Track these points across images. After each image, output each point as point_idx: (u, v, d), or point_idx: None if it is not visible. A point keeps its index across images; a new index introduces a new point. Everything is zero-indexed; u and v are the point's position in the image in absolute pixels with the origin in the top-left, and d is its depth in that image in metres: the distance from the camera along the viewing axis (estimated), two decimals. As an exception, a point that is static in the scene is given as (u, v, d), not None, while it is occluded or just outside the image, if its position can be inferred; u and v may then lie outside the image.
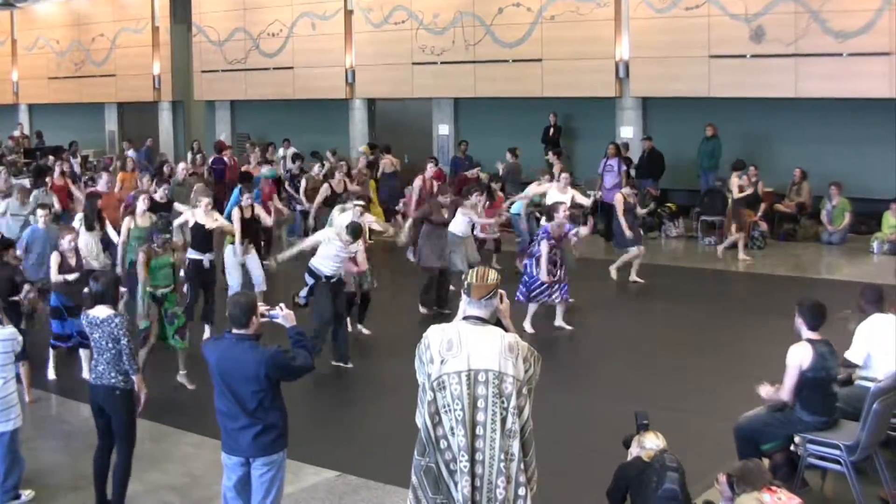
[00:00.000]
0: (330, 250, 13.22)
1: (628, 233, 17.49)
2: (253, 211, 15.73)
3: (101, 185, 17.99)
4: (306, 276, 13.39)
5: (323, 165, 22.88)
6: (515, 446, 6.43)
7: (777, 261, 19.68)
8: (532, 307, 14.76)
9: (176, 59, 33.89)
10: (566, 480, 9.22)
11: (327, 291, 13.17)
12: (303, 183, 21.68)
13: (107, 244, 15.33)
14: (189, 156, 27.49)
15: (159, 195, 16.99)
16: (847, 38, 21.10)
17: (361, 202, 15.01)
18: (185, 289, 13.70)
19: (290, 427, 7.51)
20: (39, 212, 14.56)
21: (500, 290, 6.58)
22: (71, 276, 12.41)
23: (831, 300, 9.50)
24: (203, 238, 14.49)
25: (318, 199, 19.84)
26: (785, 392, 8.76)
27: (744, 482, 7.20)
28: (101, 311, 8.85)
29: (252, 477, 7.39)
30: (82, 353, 12.59)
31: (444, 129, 28.77)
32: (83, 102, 36.88)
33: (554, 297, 14.75)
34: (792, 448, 8.93)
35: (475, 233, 17.54)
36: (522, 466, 6.44)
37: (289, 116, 31.56)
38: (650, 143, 23.83)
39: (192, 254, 14.42)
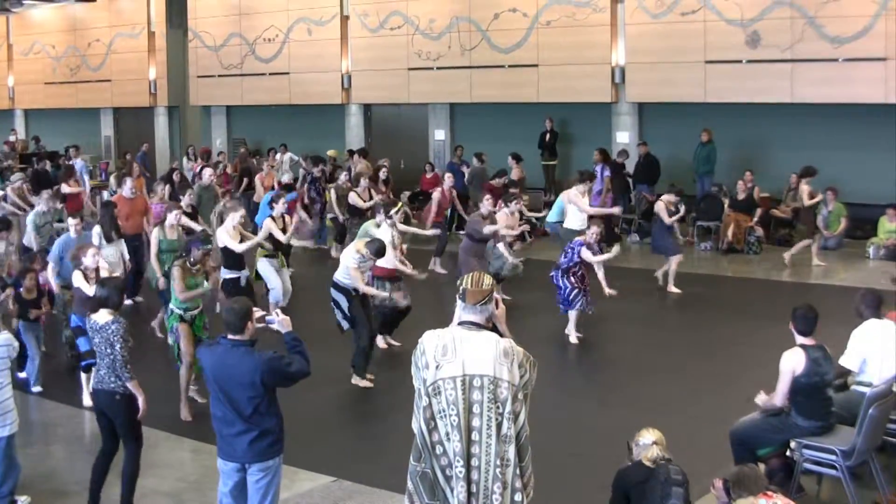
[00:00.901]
0: (349, 262, 12.80)
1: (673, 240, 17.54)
2: (284, 221, 15.38)
3: (126, 191, 17.17)
4: (332, 291, 12.88)
5: (349, 172, 22.51)
6: (511, 452, 6.42)
7: (773, 266, 19.68)
8: (573, 316, 14.59)
9: (172, 64, 33.81)
10: (563, 486, 9.22)
11: (359, 303, 12.79)
12: (332, 194, 20.58)
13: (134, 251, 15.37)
14: (185, 161, 27.51)
15: (185, 202, 16.65)
16: (843, 43, 21.15)
17: (399, 208, 14.78)
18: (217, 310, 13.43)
19: (285, 432, 7.51)
20: (71, 220, 14.26)
21: (496, 295, 6.58)
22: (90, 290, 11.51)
23: (827, 305, 9.52)
24: (236, 256, 14.01)
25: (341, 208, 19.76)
26: (777, 397, 8.77)
27: (739, 487, 7.19)
28: (102, 317, 8.87)
29: (248, 482, 7.38)
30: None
31: (440, 135, 28.80)
32: (79, 107, 36.88)
33: (588, 304, 14.59)
34: (788, 453, 8.92)
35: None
36: (518, 472, 6.44)
37: (285, 122, 31.58)
38: (646, 148, 23.84)
39: (226, 273, 14.06)
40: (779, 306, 14.50)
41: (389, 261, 13.51)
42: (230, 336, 7.33)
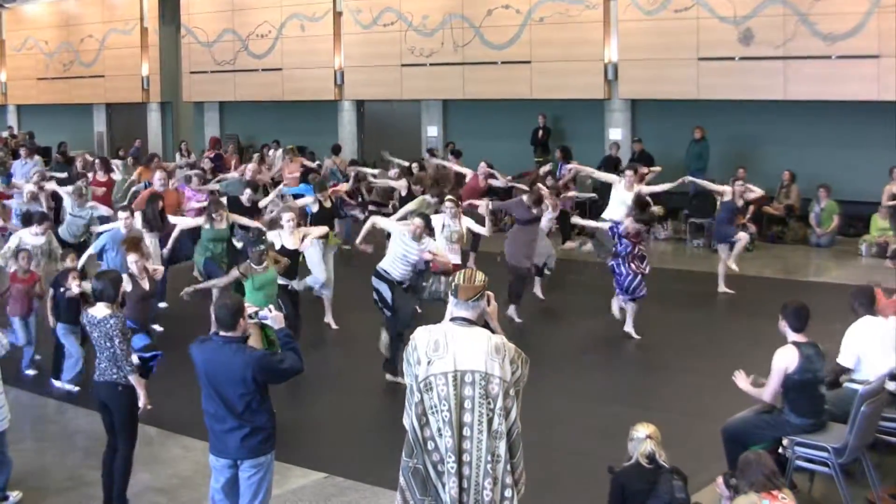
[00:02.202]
0: (397, 249, 12.48)
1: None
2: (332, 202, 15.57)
3: (156, 183, 17.08)
4: (374, 280, 12.57)
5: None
6: (502, 448, 6.43)
7: (765, 263, 19.71)
8: (631, 310, 14.53)
9: (164, 60, 33.81)
10: (559, 482, 9.24)
11: (403, 293, 12.52)
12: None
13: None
14: (178, 157, 27.48)
15: (246, 198, 16.40)
16: (835, 40, 21.15)
17: (453, 198, 14.68)
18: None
19: (277, 429, 7.51)
20: (121, 214, 14.11)
21: (488, 292, 6.58)
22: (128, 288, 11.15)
23: (819, 303, 9.53)
24: (290, 261, 13.27)
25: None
26: (767, 394, 8.78)
27: (742, 475, 7.18)
28: (100, 311, 8.88)
29: (240, 479, 7.39)
30: None
31: (433, 131, 28.76)
32: (72, 103, 36.77)
33: (643, 292, 14.47)
34: (780, 450, 8.93)
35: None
36: (509, 468, 6.44)
37: (277, 118, 31.53)
38: (640, 146, 23.87)
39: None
40: (771, 303, 14.47)
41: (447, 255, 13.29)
42: (222, 332, 7.32)
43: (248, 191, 16.68)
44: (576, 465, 9.90)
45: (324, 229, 14.66)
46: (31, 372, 13.08)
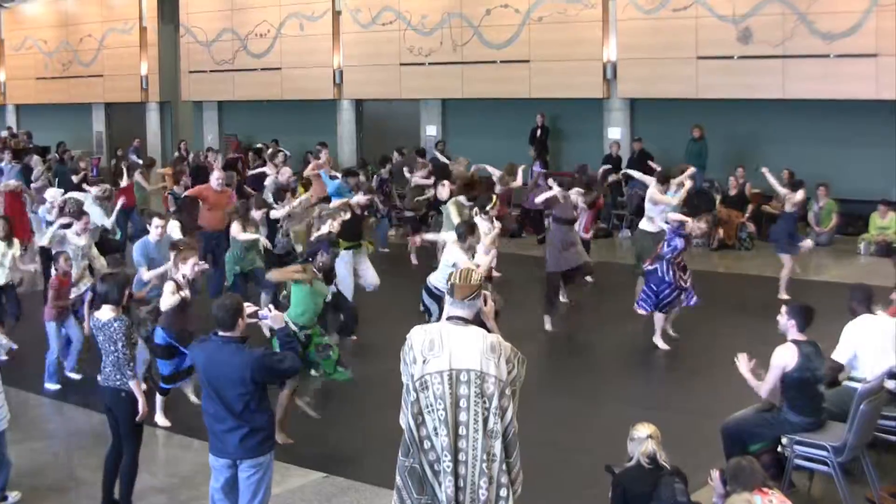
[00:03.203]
0: (450, 260, 12.02)
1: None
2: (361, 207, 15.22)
3: (214, 182, 16.63)
4: (423, 296, 12.35)
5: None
6: (497, 447, 6.44)
7: (764, 262, 19.69)
8: (659, 320, 13.93)
9: (163, 59, 33.80)
10: (558, 481, 9.24)
11: None
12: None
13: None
14: (175, 154, 27.47)
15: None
16: (834, 39, 21.16)
17: (494, 203, 14.44)
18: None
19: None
20: (156, 221, 13.03)
21: (484, 292, 6.59)
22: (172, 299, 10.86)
23: (819, 301, 9.53)
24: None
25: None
26: (763, 389, 8.79)
27: (736, 480, 7.19)
28: (105, 314, 8.85)
29: (239, 479, 7.39)
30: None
31: (431, 130, 28.77)
32: (71, 103, 36.78)
33: (682, 302, 13.92)
34: (779, 449, 8.94)
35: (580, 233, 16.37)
36: (505, 468, 6.46)
37: (276, 117, 31.53)
38: (640, 145, 23.90)
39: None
40: (771, 302, 14.58)
41: (485, 260, 12.63)
42: (221, 333, 7.32)
43: (288, 195, 16.39)
44: (575, 464, 9.89)
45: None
46: (74, 375, 12.69)
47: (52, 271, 12.83)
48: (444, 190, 18.02)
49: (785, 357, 8.66)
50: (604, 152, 24.55)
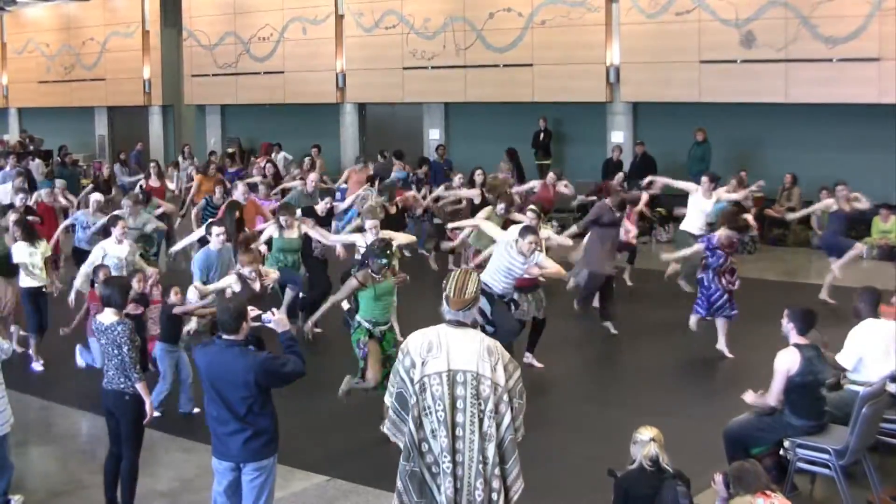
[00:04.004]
0: (502, 262, 11.72)
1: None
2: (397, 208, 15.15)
3: (238, 195, 16.31)
4: None
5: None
6: (491, 450, 6.48)
7: (767, 265, 19.70)
8: (721, 326, 13.71)
9: (166, 63, 33.82)
10: (555, 486, 9.24)
11: (505, 307, 11.80)
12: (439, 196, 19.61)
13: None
14: (180, 160, 27.46)
15: (320, 208, 15.67)
16: (837, 43, 21.17)
17: (535, 209, 14.08)
18: None
19: (280, 432, 7.51)
20: (215, 229, 12.73)
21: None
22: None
23: (821, 305, 9.53)
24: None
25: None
26: (772, 397, 8.80)
27: (739, 483, 7.19)
28: (107, 317, 8.83)
29: (242, 482, 7.39)
30: None
31: (434, 134, 28.78)
32: (73, 106, 36.81)
33: (734, 310, 13.67)
34: (781, 452, 8.94)
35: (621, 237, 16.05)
36: (498, 472, 6.49)
37: (279, 121, 31.53)
38: (642, 148, 23.90)
39: None
40: (773, 306, 14.47)
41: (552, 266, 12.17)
42: (224, 336, 7.33)
43: (327, 198, 16.11)
44: (576, 468, 9.89)
45: (411, 238, 14.15)
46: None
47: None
48: (477, 196, 17.70)
49: (788, 361, 8.67)
50: (606, 156, 24.55)
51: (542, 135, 25.93)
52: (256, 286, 11.17)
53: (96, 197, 16.76)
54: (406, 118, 29.72)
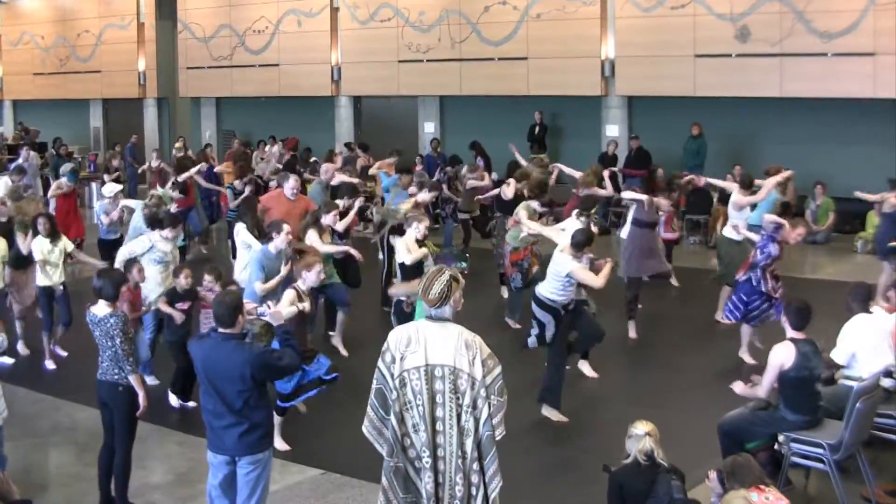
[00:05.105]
0: (561, 271, 11.01)
1: None
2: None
3: (287, 190, 15.11)
4: (535, 308, 11.19)
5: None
6: (469, 445, 6.51)
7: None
8: (746, 332, 13.17)
9: (161, 55, 33.75)
10: (549, 481, 9.25)
11: (568, 329, 11.16)
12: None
13: None
14: (174, 153, 27.47)
15: (343, 203, 15.01)
16: (832, 38, 21.18)
17: (596, 209, 13.69)
18: None
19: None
20: (285, 227, 11.89)
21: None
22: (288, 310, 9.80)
23: (815, 299, 9.53)
24: (416, 267, 12.16)
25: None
26: (762, 389, 8.81)
27: (733, 477, 7.21)
28: (101, 309, 8.83)
29: (237, 475, 7.39)
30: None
31: (429, 127, 28.78)
32: (68, 98, 36.75)
33: (772, 315, 12.74)
34: (776, 447, 8.96)
35: (661, 233, 15.68)
36: (476, 467, 6.51)
37: (274, 114, 31.51)
38: (637, 142, 23.91)
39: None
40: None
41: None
42: (220, 329, 7.33)
43: (360, 201, 15.61)
44: (573, 463, 9.90)
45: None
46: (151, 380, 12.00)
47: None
48: (509, 190, 16.55)
49: (783, 355, 8.67)
50: (601, 150, 24.56)
51: (537, 128, 25.92)
52: (307, 304, 10.40)
53: (113, 187, 16.75)
54: (401, 111, 29.70)
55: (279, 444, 10.00)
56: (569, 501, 9.07)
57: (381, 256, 16.24)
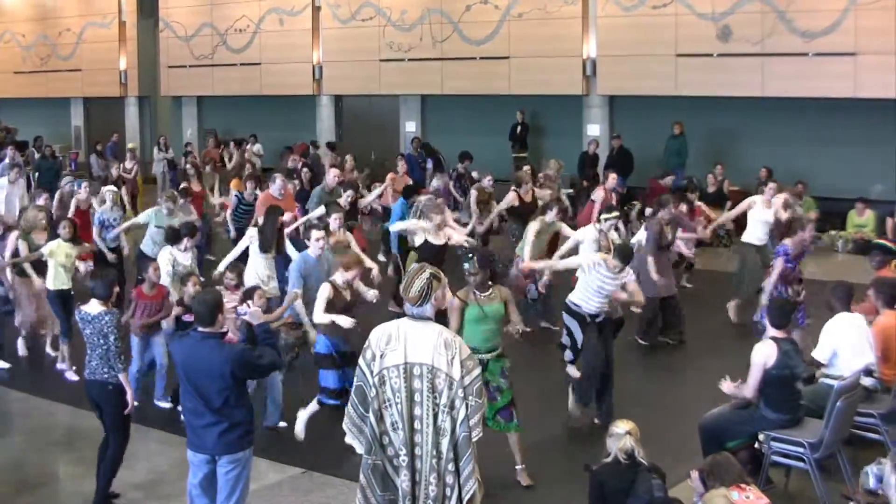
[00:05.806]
0: (592, 282, 10.80)
1: None
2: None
3: (274, 190, 15.09)
4: (564, 315, 11.12)
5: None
6: (444, 445, 6.51)
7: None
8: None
9: (142, 54, 33.65)
10: (540, 477, 9.25)
11: (595, 331, 10.91)
12: (473, 194, 17.84)
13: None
14: (156, 152, 27.38)
15: (343, 202, 15.01)
16: (813, 37, 21.22)
17: (615, 215, 13.47)
18: None
19: (256, 425, 7.51)
20: (315, 234, 11.62)
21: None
22: (346, 322, 10.00)
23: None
24: (434, 258, 11.91)
25: (501, 207, 16.43)
26: (749, 389, 8.83)
27: (713, 476, 7.22)
28: (94, 307, 8.88)
29: (218, 474, 7.38)
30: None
31: (411, 126, 28.74)
32: (49, 97, 36.58)
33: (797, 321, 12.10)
34: (756, 445, 8.98)
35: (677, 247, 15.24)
36: (451, 468, 6.51)
37: (256, 112, 31.41)
38: (619, 142, 23.92)
39: None
40: (748, 299, 14.60)
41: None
42: (200, 328, 7.31)
43: (349, 192, 15.52)
44: (553, 463, 9.90)
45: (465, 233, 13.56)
46: (164, 405, 11.55)
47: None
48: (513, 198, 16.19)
49: (765, 354, 8.70)
50: (582, 149, 24.56)
51: (519, 128, 25.92)
52: (347, 294, 10.24)
53: (109, 190, 16.39)
54: (383, 110, 29.66)
55: (300, 429, 10.26)
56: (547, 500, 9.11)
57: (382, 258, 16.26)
